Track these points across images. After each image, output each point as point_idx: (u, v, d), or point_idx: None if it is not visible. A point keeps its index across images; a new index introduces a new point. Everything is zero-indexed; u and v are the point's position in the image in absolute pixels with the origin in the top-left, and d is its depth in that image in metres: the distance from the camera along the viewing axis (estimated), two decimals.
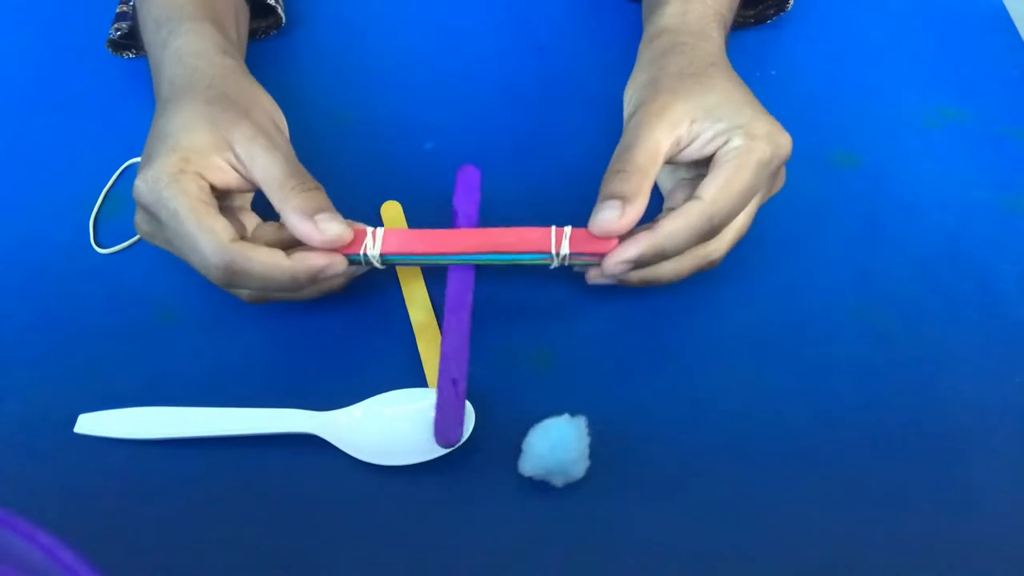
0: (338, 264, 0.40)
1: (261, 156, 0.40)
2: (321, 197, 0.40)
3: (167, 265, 0.46)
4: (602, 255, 0.40)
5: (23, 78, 0.55)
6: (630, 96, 0.44)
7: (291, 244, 0.41)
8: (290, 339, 0.44)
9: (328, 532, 0.38)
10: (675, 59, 0.43)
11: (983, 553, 0.37)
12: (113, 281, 0.46)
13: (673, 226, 0.39)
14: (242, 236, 0.40)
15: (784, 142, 0.41)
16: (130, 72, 0.55)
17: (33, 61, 0.56)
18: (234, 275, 0.38)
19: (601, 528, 0.38)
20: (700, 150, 0.41)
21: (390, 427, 0.40)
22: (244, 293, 0.42)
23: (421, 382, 0.41)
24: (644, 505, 0.39)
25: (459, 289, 0.42)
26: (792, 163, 0.48)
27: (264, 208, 0.42)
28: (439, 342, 0.42)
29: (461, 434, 0.38)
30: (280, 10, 0.55)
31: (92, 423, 0.41)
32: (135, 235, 0.47)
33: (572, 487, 0.39)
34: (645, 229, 0.40)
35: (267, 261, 0.38)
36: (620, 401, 0.41)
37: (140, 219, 0.41)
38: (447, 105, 0.53)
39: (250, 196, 0.45)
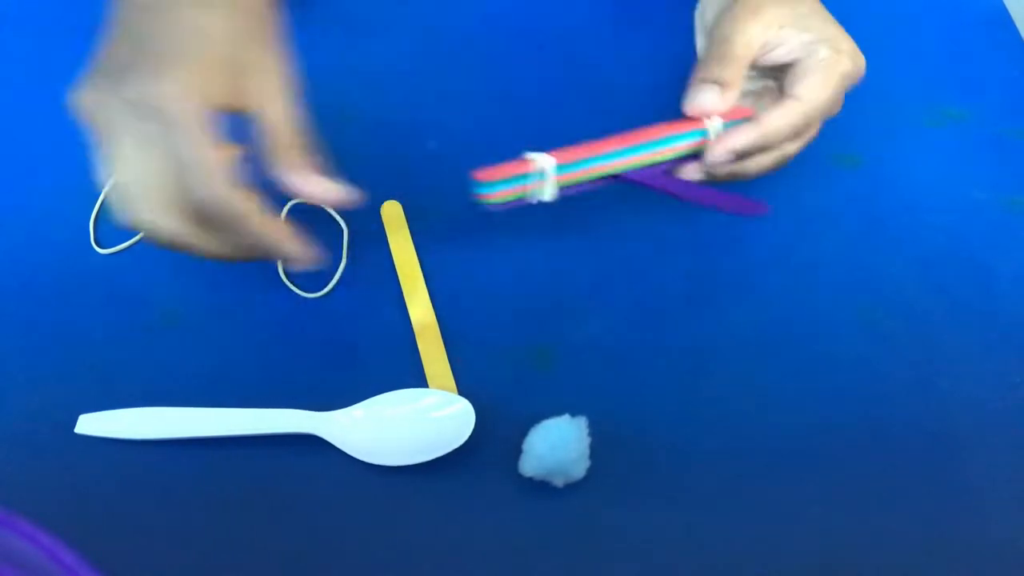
0: (304, 259, 0.38)
1: (282, 99, 0.37)
2: (311, 159, 0.38)
3: (167, 265, 0.46)
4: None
5: (23, 78, 0.55)
6: (709, 7, 0.45)
7: None
8: (290, 339, 0.44)
9: (328, 532, 0.38)
10: None
11: (983, 553, 0.37)
12: (113, 281, 0.46)
13: (777, 121, 0.41)
14: None
15: (862, 63, 0.43)
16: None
17: (33, 61, 0.56)
18: (220, 214, 0.35)
19: (601, 528, 0.38)
20: (785, 55, 0.43)
21: (390, 427, 0.40)
22: (146, 226, 0.36)
23: (421, 382, 0.41)
24: (644, 505, 0.39)
25: (644, 175, 0.42)
26: (792, 162, 0.48)
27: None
28: (439, 342, 0.42)
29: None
30: None
31: (93, 423, 0.41)
32: (135, 235, 0.47)
33: (572, 487, 0.39)
34: (749, 122, 0.42)
35: (251, 208, 0.35)
36: (620, 401, 0.41)
37: (94, 110, 0.37)
38: (450, 104, 0.53)
39: None
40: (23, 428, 0.41)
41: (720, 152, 0.42)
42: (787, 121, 0.42)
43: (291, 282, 0.45)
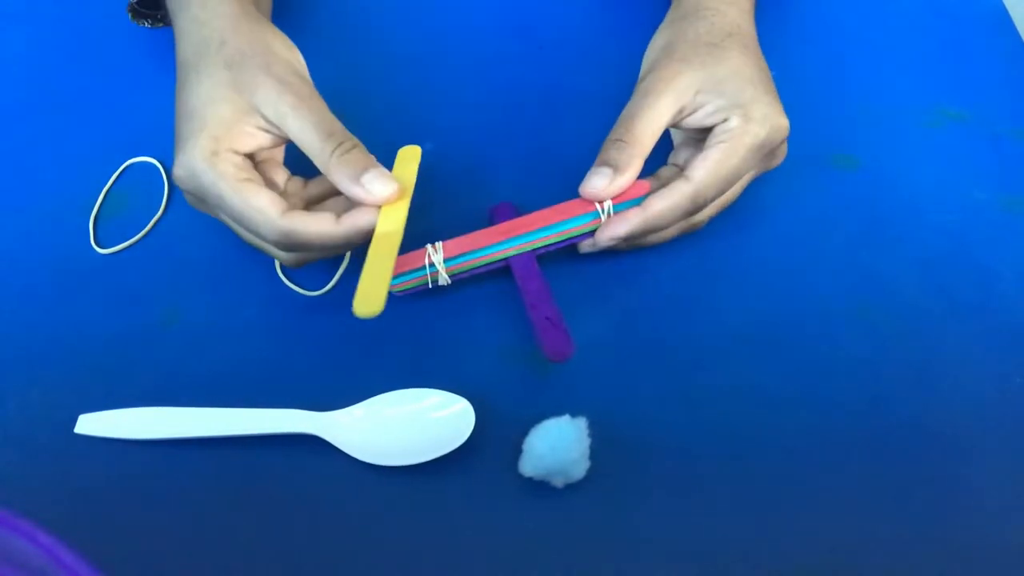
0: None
1: (291, 118, 0.40)
2: (361, 155, 0.40)
3: (167, 265, 0.46)
4: (640, 196, 0.42)
5: (23, 78, 0.55)
6: (647, 56, 0.46)
7: (330, 194, 0.43)
8: (290, 339, 0.44)
9: (328, 532, 0.38)
10: (695, 24, 0.44)
11: (983, 553, 0.37)
12: (113, 281, 0.46)
13: (661, 206, 0.42)
14: (280, 194, 0.41)
15: (781, 124, 0.43)
16: (131, 72, 0.55)
17: (33, 61, 0.56)
18: (292, 245, 0.40)
19: (601, 528, 0.38)
20: (701, 121, 0.43)
21: (390, 427, 0.40)
22: (289, 257, 0.42)
23: (421, 382, 0.41)
24: (644, 505, 0.39)
25: (525, 267, 0.43)
26: (792, 163, 0.48)
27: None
28: (391, 258, 0.39)
29: (572, 347, 0.40)
30: None
31: (92, 423, 0.41)
32: (135, 235, 0.47)
33: (572, 488, 0.39)
34: (637, 208, 0.42)
35: (319, 229, 0.39)
36: (621, 402, 0.41)
37: (187, 197, 0.42)
38: (447, 105, 0.53)
39: (282, 149, 0.45)
40: (23, 428, 0.41)
41: (604, 240, 0.42)
42: (672, 205, 0.41)
43: (291, 281, 0.45)
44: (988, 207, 0.48)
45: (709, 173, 0.41)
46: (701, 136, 0.44)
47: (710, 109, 0.42)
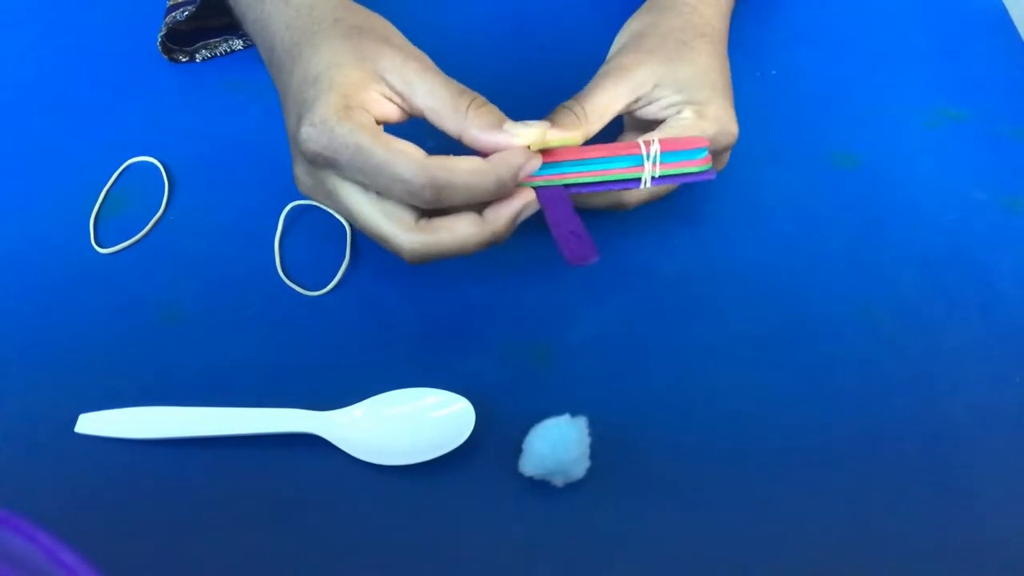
0: (536, 161, 0.39)
1: (420, 82, 0.38)
2: (495, 109, 0.39)
3: (167, 265, 0.46)
4: (693, 153, 0.41)
5: (24, 78, 0.55)
6: (618, 39, 0.46)
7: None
8: (290, 339, 0.44)
9: (328, 532, 0.38)
10: (670, 18, 0.44)
11: (983, 553, 0.37)
12: (113, 281, 0.46)
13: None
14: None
15: (731, 130, 0.43)
16: (131, 72, 0.55)
17: (33, 61, 0.56)
18: (440, 190, 0.37)
19: (601, 528, 0.38)
20: (656, 113, 0.43)
21: (390, 427, 0.40)
22: (409, 252, 0.39)
23: (421, 382, 0.41)
24: (644, 505, 0.39)
25: (552, 197, 0.40)
26: (792, 163, 0.48)
27: None
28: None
29: (596, 253, 0.37)
30: None
31: (93, 423, 0.41)
32: (135, 235, 0.47)
33: (573, 487, 0.39)
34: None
35: (470, 167, 0.37)
36: (621, 401, 0.41)
37: (301, 172, 0.40)
38: None
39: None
40: (23, 428, 0.41)
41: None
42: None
43: (291, 281, 0.45)
44: (988, 207, 0.48)
45: None
46: (652, 127, 0.44)
47: (664, 103, 0.43)
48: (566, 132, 0.40)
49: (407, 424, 0.40)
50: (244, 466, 0.40)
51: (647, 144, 0.41)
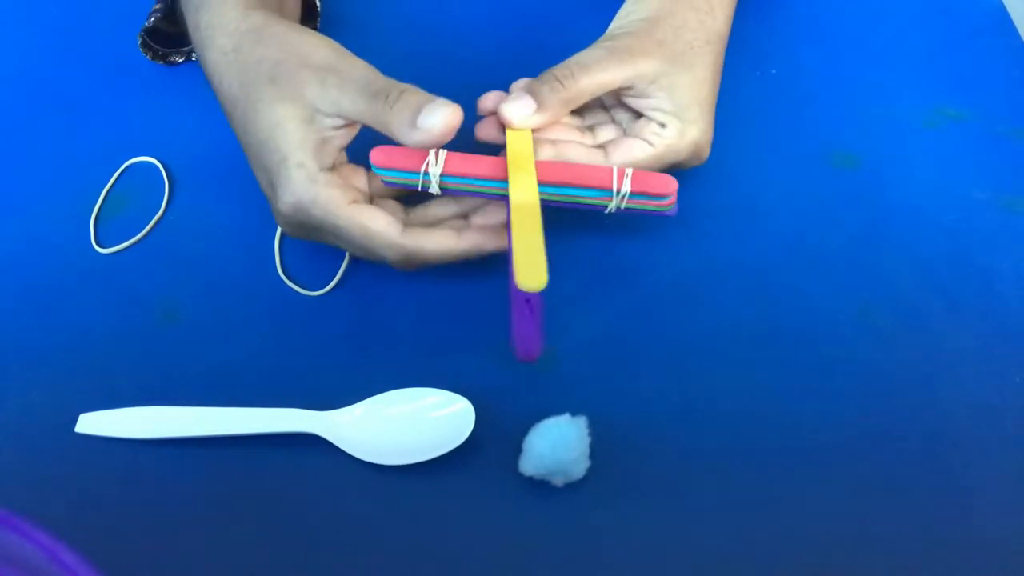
0: (499, 240, 0.41)
1: (342, 97, 0.39)
2: (410, 98, 0.38)
3: (167, 265, 0.46)
4: (660, 197, 0.41)
5: (24, 78, 0.55)
6: (628, 14, 0.45)
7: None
8: (290, 339, 0.44)
9: (328, 532, 0.38)
10: (686, 14, 0.44)
11: (982, 553, 0.37)
12: (113, 281, 0.46)
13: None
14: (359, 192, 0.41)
15: (702, 156, 0.44)
16: (130, 72, 0.55)
17: (33, 61, 0.56)
18: (411, 262, 0.40)
19: (601, 528, 0.38)
20: (639, 107, 0.43)
21: (390, 427, 0.40)
22: (394, 262, 0.41)
23: (421, 382, 0.41)
24: (644, 505, 0.39)
25: None
26: (792, 163, 0.48)
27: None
28: (537, 228, 0.37)
29: (541, 348, 0.39)
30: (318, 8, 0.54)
31: (93, 423, 0.41)
32: (135, 235, 0.47)
33: (572, 487, 0.39)
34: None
35: (440, 248, 0.40)
36: (621, 401, 0.41)
37: (283, 223, 0.41)
38: None
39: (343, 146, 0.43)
40: (23, 428, 0.41)
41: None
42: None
43: (291, 281, 0.45)
44: (988, 207, 0.48)
45: (625, 166, 0.42)
46: (623, 108, 0.45)
47: (654, 104, 0.43)
48: (520, 113, 0.41)
49: (407, 424, 0.40)
50: (244, 466, 0.40)
51: (620, 176, 0.41)
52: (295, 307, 0.45)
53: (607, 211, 0.42)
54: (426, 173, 0.40)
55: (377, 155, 0.40)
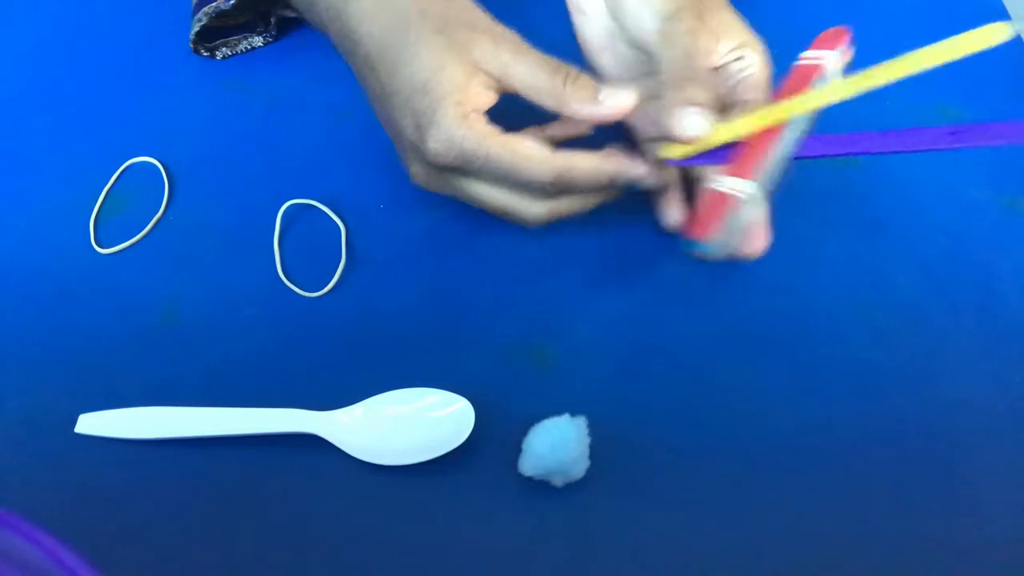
0: (640, 167, 0.40)
1: (514, 64, 0.39)
2: (587, 80, 0.39)
3: (167, 265, 0.46)
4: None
5: (24, 77, 0.55)
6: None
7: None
8: (290, 339, 0.44)
9: (328, 532, 0.38)
10: None
11: (983, 553, 0.37)
12: (113, 281, 0.46)
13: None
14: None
15: (770, 61, 0.43)
16: (130, 72, 0.55)
17: (34, 61, 0.56)
18: (562, 184, 0.40)
19: (601, 528, 0.38)
20: (718, 61, 0.43)
21: (390, 427, 0.40)
22: (535, 219, 0.41)
23: (421, 382, 0.41)
24: (644, 505, 0.39)
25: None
26: (792, 163, 0.48)
27: None
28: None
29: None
30: None
31: (92, 423, 0.41)
32: (135, 235, 0.47)
33: (572, 487, 0.39)
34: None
35: (590, 166, 0.40)
36: (620, 401, 0.41)
37: (420, 171, 0.41)
38: None
39: None
40: (23, 428, 0.41)
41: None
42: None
43: (291, 282, 0.45)
44: (988, 207, 0.48)
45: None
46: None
47: (725, 48, 0.42)
48: (696, 123, 0.40)
49: (407, 424, 0.40)
50: (244, 466, 0.40)
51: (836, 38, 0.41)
52: (295, 307, 0.45)
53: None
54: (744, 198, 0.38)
55: (697, 229, 0.38)
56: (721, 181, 0.38)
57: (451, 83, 0.39)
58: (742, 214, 0.38)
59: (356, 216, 0.47)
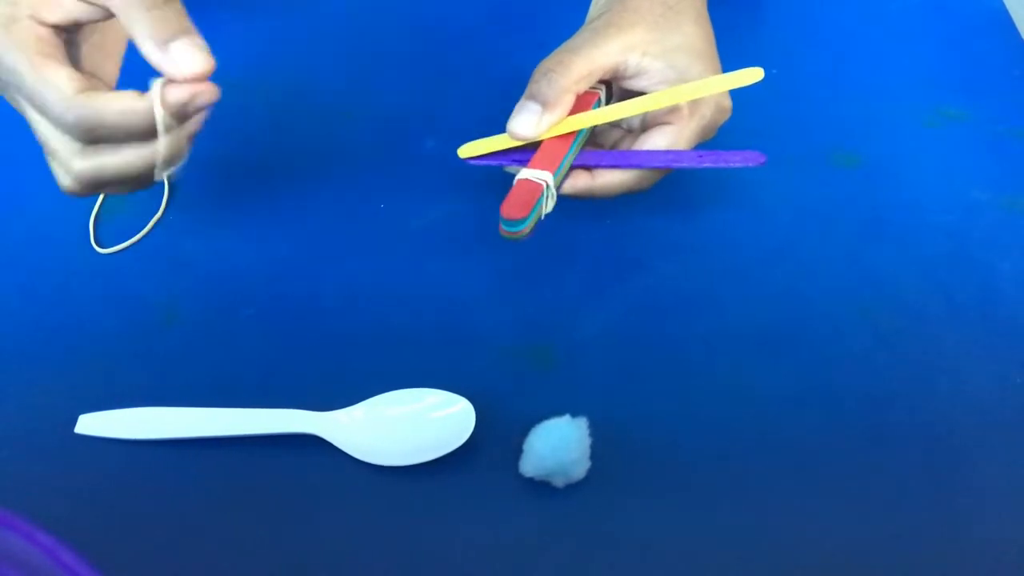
0: (204, 95, 0.35)
1: None
2: (174, 17, 0.34)
3: (167, 265, 0.46)
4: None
5: None
6: (597, 1, 0.44)
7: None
8: (290, 339, 0.44)
9: (328, 532, 0.38)
10: None
11: (983, 553, 0.37)
12: (113, 281, 0.46)
13: (610, 181, 0.42)
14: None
15: (726, 106, 0.42)
16: (131, 72, 0.54)
17: None
18: (90, 131, 0.34)
19: (601, 529, 0.38)
20: (643, 86, 0.42)
21: (390, 427, 0.40)
22: (70, 183, 0.36)
23: (421, 382, 0.41)
24: (645, 506, 0.39)
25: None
26: (793, 162, 0.48)
27: None
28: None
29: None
30: None
31: (92, 423, 0.41)
32: (135, 235, 0.47)
33: (573, 488, 0.39)
34: (587, 176, 0.42)
35: (119, 106, 0.33)
36: (621, 402, 0.41)
37: None
38: (448, 103, 0.53)
39: (120, 37, 0.39)
40: (23, 428, 0.41)
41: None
42: (621, 181, 0.42)
43: (290, 281, 0.45)
44: (988, 207, 0.48)
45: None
46: (629, 96, 0.43)
47: (656, 79, 0.41)
48: (527, 121, 0.41)
49: (407, 424, 0.40)
50: (244, 466, 0.40)
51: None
52: (295, 307, 0.44)
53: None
54: (546, 187, 0.41)
55: (509, 209, 0.40)
56: (533, 172, 0.41)
57: None
58: (544, 200, 0.41)
59: (351, 218, 0.47)
